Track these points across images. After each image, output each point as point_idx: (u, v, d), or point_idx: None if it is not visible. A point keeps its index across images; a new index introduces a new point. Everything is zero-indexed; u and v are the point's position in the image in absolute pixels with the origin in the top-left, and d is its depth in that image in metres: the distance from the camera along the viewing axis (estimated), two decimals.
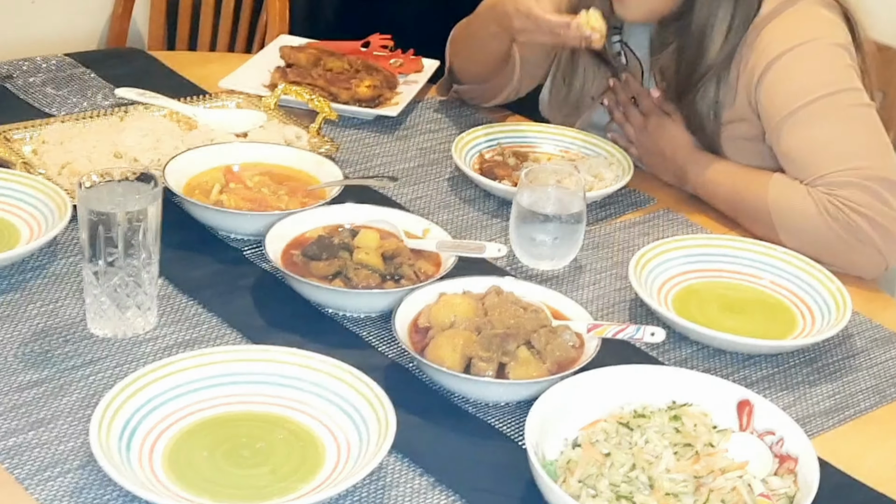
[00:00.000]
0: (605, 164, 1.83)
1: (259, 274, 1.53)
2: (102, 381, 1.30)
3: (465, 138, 1.86)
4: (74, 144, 1.72)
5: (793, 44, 1.69)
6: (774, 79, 1.70)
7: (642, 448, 1.19)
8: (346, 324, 1.44)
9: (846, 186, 1.62)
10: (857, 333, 1.52)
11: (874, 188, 1.61)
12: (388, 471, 1.21)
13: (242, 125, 1.86)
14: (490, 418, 1.30)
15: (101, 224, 1.31)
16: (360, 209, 1.58)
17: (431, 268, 1.49)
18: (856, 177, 1.62)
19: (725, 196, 1.76)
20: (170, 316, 1.42)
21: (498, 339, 1.31)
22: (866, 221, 1.60)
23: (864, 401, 1.40)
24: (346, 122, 1.98)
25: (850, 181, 1.62)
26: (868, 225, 1.61)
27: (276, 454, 1.20)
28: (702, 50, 1.74)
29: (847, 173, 1.62)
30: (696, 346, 1.46)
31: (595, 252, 1.66)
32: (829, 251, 1.61)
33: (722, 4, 1.71)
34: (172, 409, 1.22)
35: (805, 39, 1.70)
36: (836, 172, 1.63)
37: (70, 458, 1.19)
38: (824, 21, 1.72)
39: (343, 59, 2.09)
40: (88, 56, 2.18)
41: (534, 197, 1.56)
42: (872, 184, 1.61)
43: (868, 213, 1.61)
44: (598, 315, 1.50)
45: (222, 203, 1.59)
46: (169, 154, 1.69)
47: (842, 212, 1.61)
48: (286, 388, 1.26)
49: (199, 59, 2.34)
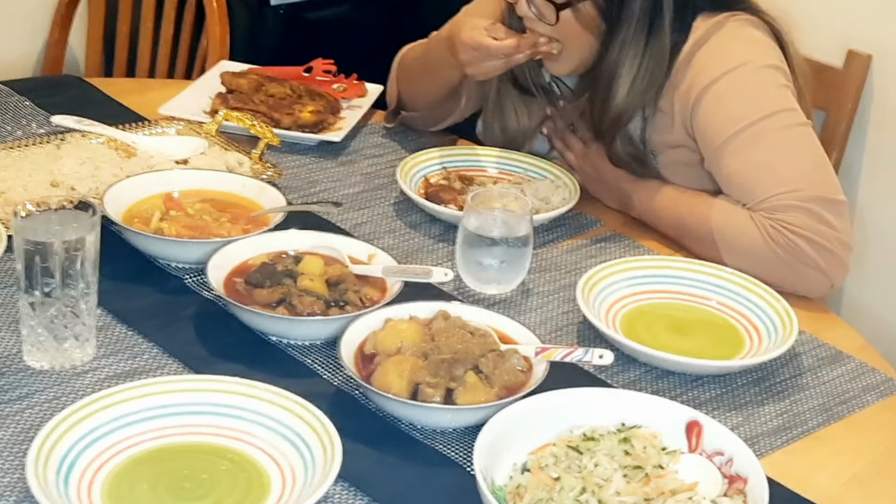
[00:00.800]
0: (551, 188, 1.83)
1: (201, 302, 1.50)
2: (39, 413, 1.27)
3: (410, 162, 1.85)
4: (9, 173, 1.69)
5: (725, 69, 1.70)
6: (709, 105, 1.70)
7: (592, 471, 1.18)
8: (291, 352, 1.42)
9: (786, 210, 1.63)
10: (804, 352, 1.53)
11: (814, 209, 1.62)
12: (335, 500, 1.19)
13: (183, 152, 1.83)
14: (438, 445, 1.28)
15: (38, 254, 1.29)
16: (304, 235, 1.56)
17: (377, 293, 1.47)
18: (795, 199, 1.63)
19: (669, 221, 1.76)
20: (109, 347, 1.39)
21: (445, 365, 1.30)
22: (808, 244, 1.61)
23: (812, 419, 1.40)
24: (288, 148, 1.96)
25: (790, 204, 1.63)
26: (810, 247, 1.61)
27: (219, 486, 1.17)
28: (609, 97, 1.74)
29: (786, 196, 1.63)
30: (644, 367, 1.45)
31: (542, 275, 1.65)
32: (774, 274, 1.62)
33: (629, 53, 1.71)
34: (112, 441, 1.20)
35: (737, 64, 1.70)
36: (776, 196, 1.64)
37: (6, 493, 1.15)
38: (755, 43, 1.73)
39: (285, 85, 2.07)
40: (23, 84, 2.15)
41: (480, 221, 1.55)
42: (812, 205, 1.62)
43: (809, 236, 1.61)
44: (546, 338, 1.49)
45: (162, 231, 1.57)
46: (107, 182, 1.67)
47: (784, 236, 1.62)
48: (229, 419, 1.24)
49: (138, 86, 2.31)
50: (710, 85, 1.70)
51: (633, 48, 1.71)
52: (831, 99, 2.18)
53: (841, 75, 2.20)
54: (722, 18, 1.73)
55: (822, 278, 1.64)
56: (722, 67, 1.70)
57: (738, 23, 1.73)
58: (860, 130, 2.25)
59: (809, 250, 1.61)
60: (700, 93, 1.70)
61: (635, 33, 1.70)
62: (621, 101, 1.73)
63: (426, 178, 1.86)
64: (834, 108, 2.20)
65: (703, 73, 1.71)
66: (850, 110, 2.20)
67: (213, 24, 2.66)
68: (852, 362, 1.52)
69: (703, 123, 1.71)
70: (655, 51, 1.71)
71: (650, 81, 1.73)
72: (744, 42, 1.73)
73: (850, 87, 2.19)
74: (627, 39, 1.71)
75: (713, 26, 1.73)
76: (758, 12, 1.76)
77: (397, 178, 1.79)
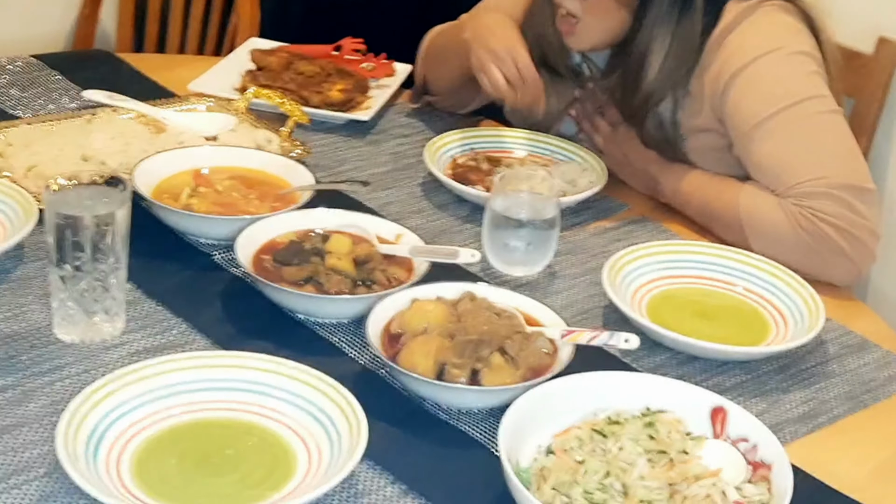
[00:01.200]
0: (578, 170, 1.83)
1: (229, 279, 1.51)
2: (69, 387, 1.28)
3: (438, 143, 1.85)
4: (41, 147, 1.70)
5: (756, 54, 1.69)
6: (740, 90, 1.69)
7: (616, 455, 1.18)
8: (318, 330, 1.42)
9: (815, 197, 1.62)
10: (830, 340, 1.52)
11: (843, 197, 1.62)
12: (360, 478, 1.19)
13: (212, 128, 1.84)
14: (463, 425, 1.28)
15: (69, 228, 1.29)
16: (332, 214, 1.57)
17: (404, 273, 1.48)
18: (825, 186, 1.62)
19: (697, 207, 1.76)
20: (138, 321, 1.40)
21: (471, 346, 1.30)
22: (836, 231, 1.61)
23: (838, 407, 1.40)
24: (317, 126, 1.96)
25: (819, 191, 1.62)
26: (838, 235, 1.61)
27: (246, 462, 1.18)
28: (640, 76, 1.73)
29: (816, 183, 1.62)
30: (669, 352, 1.45)
31: (569, 258, 1.65)
32: (801, 262, 1.62)
33: (661, 31, 1.71)
34: (140, 415, 1.20)
35: (769, 49, 1.69)
36: (806, 183, 1.63)
37: (35, 465, 1.16)
38: (787, 28, 1.72)
39: (314, 63, 2.08)
40: (55, 58, 2.16)
41: (507, 202, 1.55)
42: (841, 192, 1.62)
43: (838, 223, 1.61)
44: (571, 321, 1.49)
45: (192, 207, 1.57)
46: (137, 157, 1.67)
47: (812, 223, 1.61)
48: (256, 395, 1.24)
49: (168, 62, 2.32)
50: (741, 69, 1.69)
51: (665, 26, 1.70)
52: (861, 86, 2.16)
53: (871, 62, 2.18)
54: (755, 3, 1.72)
55: (850, 266, 1.63)
56: (753, 52, 1.69)
57: (771, 8, 1.72)
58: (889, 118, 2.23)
59: (837, 238, 1.61)
60: (731, 77, 1.70)
61: (668, 10, 1.70)
62: (652, 79, 1.73)
63: (454, 158, 1.86)
64: (863, 95, 2.18)
65: (734, 57, 1.70)
66: (879, 97, 2.18)
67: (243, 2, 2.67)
68: (878, 351, 1.51)
69: (732, 108, 1.71)
70: (686, 30, 1.71)
71: (681, 61, 1.72)
72: (776, 27, 1.72)
73: (880, 74, 2.17)
74: (660, 16, 1.70)
75: (745, 10, 1.72)
76: None
77: (425, 159, 1.80)
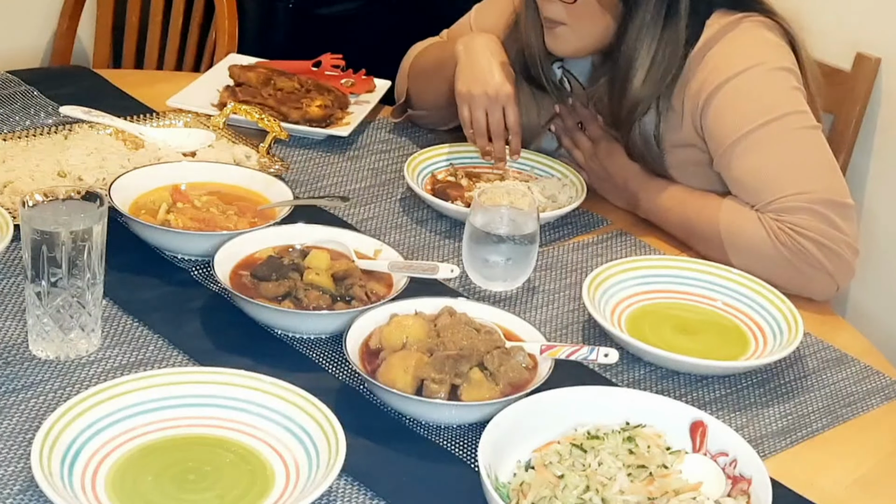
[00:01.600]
0: (558, 186, 1.83)
1: (207, 295, 1.50)
2: (44, 403, 1.27)
3: (418, 158, 1.85)
4: (17, 163, 1.69)
5: (737, 69, 1.69)
6: (720, 105, 1.70)
7: (596, 470, 1.18)
8: (297, 345, 1.41)
9: (795, 212, 1.63)
10: (810, 354, 1.52)
11: (822, 212, 1.62)
12: (339, 494, 1.19)
13: (190, 144, 1.83)
14: (442, 440, 1.28)
15: (45, 243, 1.28)
16: (311, 229, 1.56)
17: (383, 289, 1.47)
18: (804, 201, 1.62)
19: (676, 222, 1.76)
20: (114, 338, 1.39)
21: (450, 361, 1.29)
22: (815, 246, 1.61)
23: (817, 421, 1.40)
24: (296, 142, 1.96)
25: (798, 206, 1.63)
26: (817, 250, 1.61)
27: (223, 478, 1.17)
28: (626, 84, 1.74)
29: (795, 198, 1.63)
30: (649, 367, 1.45)
31: (548, 273, 1.65)
32: (780, 276, 1.62)
33: (646, 37, 1.71)
34: (117, 432, 1.20)
35: (749, 65, 1.70)
36: (785, 198, 1.64)
37: (10, 482, 1.15)
38: (768, 44, 1.73)
39: (294, 79, 2.07)
40: (32, 74, 2.15)
41: (487, 218, 1.55)
42: (820, 207, 1.62)
43: (817, 238, 1.61)
44: (551, 336, 1.49)
45: (169, 223, 1.56)
46: (115, 173, 1.67)
47: (791, 238, 1.62)
48: (234, 411, 1.24)
49: (147, 78, 2.31)
50: (721, 84, 1.70)
51: (650, 33, 1.71)
52: (839, 102, 2.18)
53: (849, 78, 2.19)
54: (737, 19, 1.73)
55: (829, 281, 1.64)
56: (734, 68, 1.70)
57: (753, 24, 1.73)
58: (868, 134, 2.25)
59: (816, 253, 1.61)
60: (711, 92, 1.70)
61: (653, 17, 1.70)
62: (639, 86, 1.73)
63: (433, 174, 1.86)
64: (842, 111, 2.19)
65: (714, 73, 1.71)
66: (857, 113, 2.20)
67: (222, 17, 2.67)
68: (857, 365, 1.51)
69: (712, 123, 1.71)
70: (671, 38, 1.71)
71: (666, 69, 1.72)
72: (757, 43, 1.73)
73: (858, 90, 2.19)
74: (645, 22, 1.70)
75: (728, 25, 1.72)
76: (772, 14, 1.76)
77: (405, 174, 1.79)
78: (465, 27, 2.01)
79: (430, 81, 1.97)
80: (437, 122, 2.04)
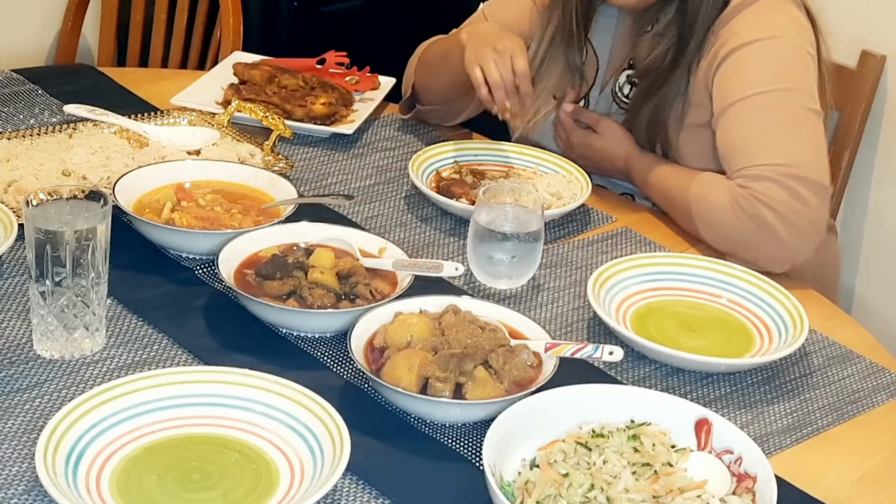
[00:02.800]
0: (563, 183, 1.82)
1: (211, 294, 1.50)
2: (49, 403, 1.27)
3: (423, 156, 1.85)
4: (21, 162, 1.69)
5: (759, 36, 1.71)
6: (734, 65, 1.72)
7: (601, 468, 1.17)
8: (301, 344, 1.41)
9: (763, 180, 1.64)
10: (815, 351, 1.52)
11: (792, 186, 1.63)
12: (343, 493, 1.18)
13: (195, 142, 1.83)
14: (447, 439, 1.28)
15: (49, 243, 1.28)
16: (315, 228, 1.56)
17: (387, 287, 1.47)
18: (777, 173, 1.63)
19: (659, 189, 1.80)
20: (119, 337, 1.39)
21: (455, 359, 1.29)
22: (774, 215, 1.62)
23: (822, 419, 1.39)
24: (300, 140, 1.96)
25: (768, 176, 1.64)
26: (776, 219, 1.62)
27: (228, 477, 1.17)
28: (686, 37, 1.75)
29: (770, 168, 1.64)
30: (654, 364, 1.45)
31: (553, 271, 1.65)
32: (737, 242, 1.64)
33: None
34: (121, 431, 1.20)
35: (773, 34, 1.72)
36: (761, 166, 1.65)
37: (15, 482, 1.15)
38: (797, 23, 1.75)
39: (298, 77, 2.07)
40: (36, 72, 2.15)
41: (491, 215, 1.55)
42: (792, 182, 1.63)
43: (777, 208, 1.62)
44: (556, 334, 1.49)
45: (174, 222, 1.56)
46: (119, 172, 1.67)
47: (751, 204, 1.63)
48: (239, 410, 1.24)
49: (151, 76, 2.31)
50: (741, 46, 1.71)
51: None
52: (845, 99, 2.18)
53: (855, 76, 2.19)
54: None
55: (784, 251, 1.64)
56: (757, 34, 1.71)
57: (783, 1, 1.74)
58: (873, 131, 2.25)
59: (774, 221, 1.62)
60: (729, 52, 1.72)
61: None
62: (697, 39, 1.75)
63: (438, 171, 1.86)
64: (847, 108, 2.19)
65: (737, 36, 1.72)
66: (863, 111, 2.20)
67: (226, 15, 2.66)
68: (862, 362, 1.51)
69: (722, 80, 1.73)
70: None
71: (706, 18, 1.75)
72: (787, 18, 1.75)
73: (863, 87, 2.18)
74: None
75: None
76: None
77: (409, 172, 1.79)
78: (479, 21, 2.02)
79: (437, 72, 1.97)
80: (444, 117, 2.04)
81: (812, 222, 1.64)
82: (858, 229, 2.31)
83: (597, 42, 1.92)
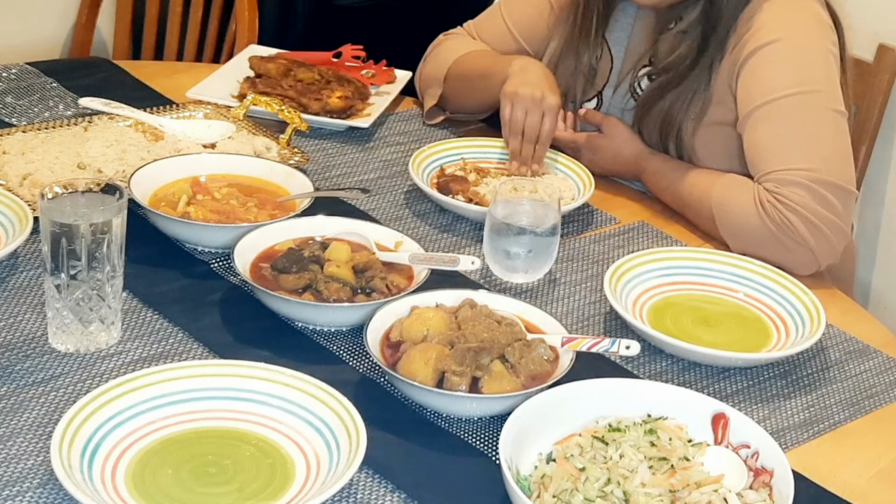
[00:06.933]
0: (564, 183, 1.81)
1: (227, 287, 1.50)
2: (64, 397, 1.27)
3: (427, 151, 1.84)
4: (36, 155, 1.69)
5: (783, 35, 1.70)
6: (757, 66, 1.70)
7: (617, 462, 1.17)
8: (317, 338, 1.41)
9: (791, 185, 1.63)
10: (832, 346, 1.51)
11: (819, 191, 1.62)
12: (359, 487, 1.18)
13: (210, 136, 1.83)
14: (463, 433, 1.27)
15: (64, 236, 1.28)
16: (331, 221, 1.56)
17: (404, 281, 1.47)
18: (805, 178, 1.62)
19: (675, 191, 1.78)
20: (134, 330, 1.39)
21: (471, 353, 1.29)
22: (800, 220, 1.61)
23: (839, 413, 1.39)
24: (316, 134, 1.96)
25: (796, 180, 1.63)
26: (801, 224, 1.61)
27: (243, 471, 1.17)
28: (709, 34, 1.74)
29: (798, 173, 1.63)
30: (671, 359, 1.44)
31: (570, 265, 1.64)
32: (761, 246, 1.63)
33: None
34: (136, 425, 1.20)
35: (797, 33, 1.71)
36: (787, 171, 1.64)
37: (30, 476, 1.15)
38: (821, 22, 1.74)
39: (314, 70, 2.07)
40: (51, 65, 2.15)
41: (508, 209, 1.55)
42: (819, 187, 1.62)
43: (803, 213, 1.61)
44: (572, 328, 1.48)
45: (189, 215, 1.56)
46: (134, 165, 1.67)
47: (777, 209, 1.62)
48: (254, 404, 1.24)
49: (167, 69, 2.31)
50: (763, 45, 1.70)
51: None
52: (862, 93, 2.16)
53: (872, 70, 2.18)
54: None
55: (810, 257, 1.64)
56: (780, 33, 1.70)
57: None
58: (890, 124, 2.23)
59: (801, 227, 1.61)
60: (752, 51, 1.71)
61: None
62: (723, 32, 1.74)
63: (442, 167, 1.85)
64: (864, 101, 2.18)
65: (761, 32, 1.71)
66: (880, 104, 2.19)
67: (241, 8, 2.67)
68: (880, 357, 1.50)
69: (747, 81, 1.72)
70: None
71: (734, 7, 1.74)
72: (811, 18, 1.73)
73: (880, 81, 2.17)
74: None
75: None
76: None
77: (409, 168, 1.78)
78: (494, 17, 2.01)
79: (473, 89, 1.96)
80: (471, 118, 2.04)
81: (839, 228, 1.63)
82: (875, 223, 2.30)
83: (612, 41, 1.91)
